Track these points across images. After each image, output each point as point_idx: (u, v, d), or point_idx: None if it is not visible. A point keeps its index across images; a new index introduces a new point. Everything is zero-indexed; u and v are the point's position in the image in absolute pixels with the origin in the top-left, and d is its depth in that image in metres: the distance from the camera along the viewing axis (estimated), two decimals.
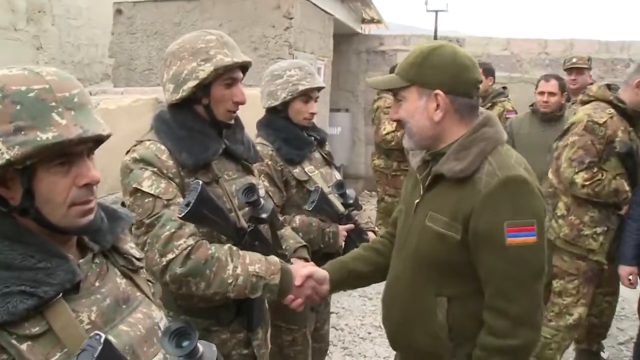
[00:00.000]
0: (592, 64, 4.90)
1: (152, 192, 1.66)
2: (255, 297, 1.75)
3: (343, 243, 2.48)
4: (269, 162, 2.40)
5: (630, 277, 2.98)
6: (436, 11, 8.95)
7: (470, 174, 1.49)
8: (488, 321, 1.49)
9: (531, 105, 4.25)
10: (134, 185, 1.68)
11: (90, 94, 4.46)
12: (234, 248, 1.73)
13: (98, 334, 0.88)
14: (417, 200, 1.66)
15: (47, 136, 0.95)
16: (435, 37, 8.85)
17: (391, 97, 5.33)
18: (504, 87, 5.25)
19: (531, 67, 8.67)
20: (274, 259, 1.78)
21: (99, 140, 1.06)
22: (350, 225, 2.50)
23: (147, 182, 1.68)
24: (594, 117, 3.01)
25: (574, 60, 4.72)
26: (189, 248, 1.64)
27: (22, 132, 0.94)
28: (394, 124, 5.23)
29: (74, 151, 1.01)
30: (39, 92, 0.97)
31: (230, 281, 1.66)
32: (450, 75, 1.53)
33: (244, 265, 1.69)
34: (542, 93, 4.00)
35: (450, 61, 1.53)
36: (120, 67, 6.38)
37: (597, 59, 8.38)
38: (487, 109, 4.62)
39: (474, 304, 1.52)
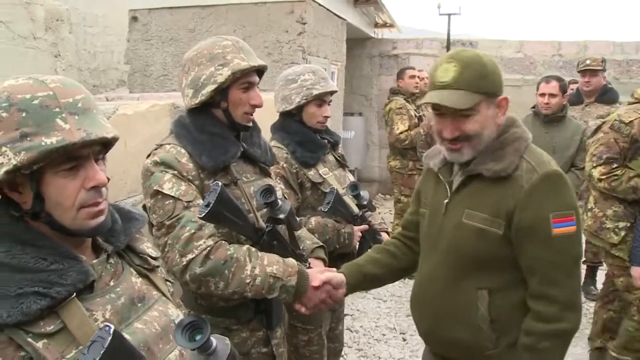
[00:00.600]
0: (607, 66, 4.89)
1: (172, 194, 1.70)
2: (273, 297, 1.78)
3: (357, 243, 2.51)
4: (284, 165, 2.44)
5: None
6: (449, 14, 8.95)
7: (511, 172, 1.59)
8: (536, 307, 1.57)
9: (533, 107, 4.24)
10: (155, 188, 1.73)
11: (107, 100, 4.53)
12: (253, 249, 1.76)
13: (108, 326, 0.91)
14: (446, 201, 1.72)
15: (51, 141, 0.99)
16: (448, 41, 8.86)
17: (402, 99, 5.40)
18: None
19: (545, 69, 8.63)
20: (291, 261, 1.80)
21: (105, 143, 1.10)
22: (365, 226, 2.53)
23: (168, 185, 1.72)
24: (623, 116, 3.12)
25: (588, 62, 4.71)
26: (209, 248, 1.67)
27: (28, 138, 0.98)
28: (407, 123, 5.27)
29: (81, 155, 1.05)
30: (43, 99, 1.01)
31: (248, 281, 1.69)
32: (500, 79, 1.64)
33: (262, 266, 1.72)
34: (542, 95, 3.99)
35: (495, 65, 1.63)
36: (136, 73, 6.46)
37: (612, 60, 8.34)
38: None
39: (515, 294, 1.61)
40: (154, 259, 1.30)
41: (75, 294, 1.03)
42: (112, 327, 0.92)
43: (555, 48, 8.72)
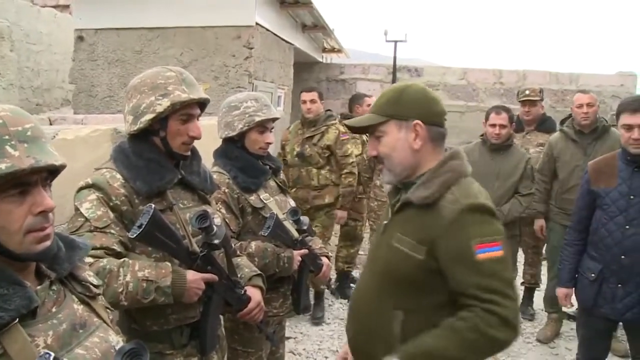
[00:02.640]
0: (544, 94, 5.15)
1: (86, 215, 1.75)
2: (205, 319, 1.81)
3: (297, 267, 2.56)
4: (226, 190, 2.47)
5: (566, 298, 3.17)
6: (395, 41, 9.21)
7: (433, 201, 1.65)
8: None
9: (481, 135, 4.41)
10: (75, 203, 1.80)
11: (50, 120, 4.46)
12: (128, 260, 1.77)
13: (48, 353, 0.94)
14: (386, 222, 1.83)
15: (0, 167, 1.01)
16: (394, 66, 9.10)
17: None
18: (329, 110, 5.28)
19: (487, 97, 8.99)
20: (165, 263, 1.80)
21: (52, 170, 1.13)
22: (305, 251, 2.57)
23: (87, 205, 1.76)
24: None
25: (527, 92, 4.97)
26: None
27: None
28: (360, 148, 5.32)
29: (29, 181, 1.07)
30: None
31: (120, 290, 1.69)
32: (424, 107, 1.73)
33: (133, 272, 1.72)
34: (493, 125, 4.15)
35: (423, 95, 1.75)
36: (81, 93, 6.38)
37: (548, 89, 8.76)
38: (322, 132, 4.80)
39: (427, 318, 1.64)
40: (96, 286, 1.31)
41: (17, 319, 1.04)
42: (52, 354, 0.94)
43: (497, 76, 9.10)
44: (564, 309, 4.46)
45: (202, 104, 1.97)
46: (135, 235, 1.63)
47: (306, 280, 2.68)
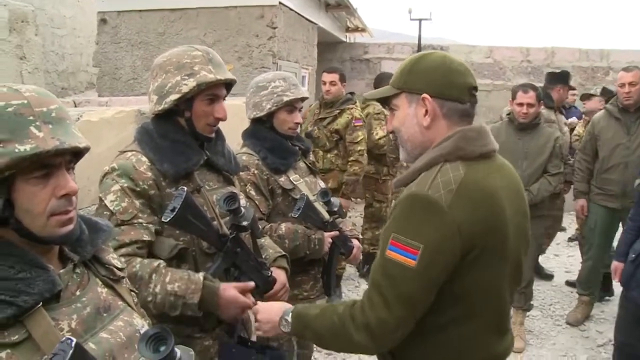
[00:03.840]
0: (573, 72, 5.00)
1: (110, 207, 1.71)
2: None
3: (328, 249, 2.53)
4: (255, 172, 2.44)
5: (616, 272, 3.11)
6: (420, 19, 9.06)
7: (403, 185, 1.53)
8: (359, 304, 1.48)
9: (508, 114, 4.31)
10: (100, 194, 1.75)
11: (75, 103, 4.48)
12: (161, 265, 1.73)
13: (69, 339, 0.91)
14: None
15: (24, 148, 0.99)
16: (419, 45, 8.96)
17: (378, 103, 5.27)
18: (352, 93, 5.05)
19: (514, 75, 8.80)
20: (196, 277, 1.73)
21: (77, 152, 1.10)
22: (335, 232, 2.54)
23: (111, 197, 1.72)
24: None
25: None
26: None
27: (1, 145, 0.98)
28: (385, 129, 5.25)
29: (53, 163, 1.05)
30: (17, 107, 1.01)
31: (149, 299, 1.68)
32: (437, 79, 1.50)
33: (163, 284, 1.69)
34: (521, 104, 4.04)
35: (439, 65, 1.51)
36: (105, 76, 6.40)
37: (578, 66, 8.54)
38: (335, 116, 4.69)
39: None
40: (120, 269, 1.30)
41: (41, 303, 1.02)
42: (74, 340, 0.91)
43: (524, 54, 8.89)
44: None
45: (228, 85, 1.92)
46: (169, 219, 1.59)
47: (336, 262, 2.65)
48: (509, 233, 1.45)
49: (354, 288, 5.24)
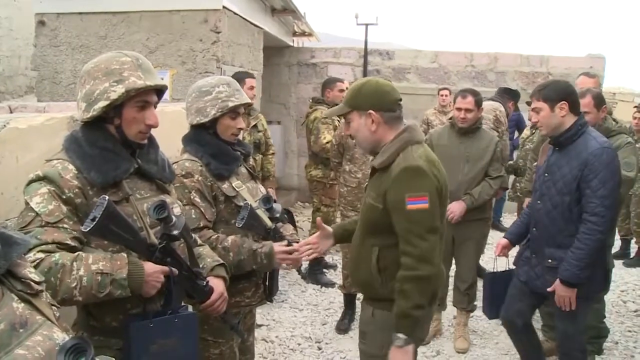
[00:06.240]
0: (515, 77, 5.16)
1: (36, 209, 1.67)
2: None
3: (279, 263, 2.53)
4: (199, 178, 2.40)
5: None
6: (366, 24, 9.12)
7: (387, 165, 2.22)
8: (402, 260, 2.15)
9: (450, 119, 4.39)
10: (25, 197, 1.71)
11: (10, 109, 4.30)
12: (82, 253, 1.69)
13: None
14: (366, 184, 2.46)
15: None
16: (366, 50, 9.04)
17: (324, 108, 5.42)
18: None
19: (458, 79, 8.99)
20: (121, 254, 1.73)
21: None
22: (284, 245, 2.51)
23: (37, 199, 1.69)
24: None
25: None
26: (37, 261, 1.60)
27: None
28: (333, 133, 5.25)
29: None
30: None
31: (74, 285, 1.62)
32: (377, 99, 2.25)
33: (86, 266, 1.64)
34: (459, 109, 4.10)
35: (376, 90, 2.27)
36: (45, 80, 6.19)
37: (520, 71, 8.81)
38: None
39: (396, 251, 2.18)
40: (37, 283, 1.25)
41: None
42: None
43: (468, 59, 9.10)
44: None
45: (159, 91, 1.90)
46: (88, 229, 1.56)
47: (278, 268, 2.65)
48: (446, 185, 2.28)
49: (300, 293, 5.23)
